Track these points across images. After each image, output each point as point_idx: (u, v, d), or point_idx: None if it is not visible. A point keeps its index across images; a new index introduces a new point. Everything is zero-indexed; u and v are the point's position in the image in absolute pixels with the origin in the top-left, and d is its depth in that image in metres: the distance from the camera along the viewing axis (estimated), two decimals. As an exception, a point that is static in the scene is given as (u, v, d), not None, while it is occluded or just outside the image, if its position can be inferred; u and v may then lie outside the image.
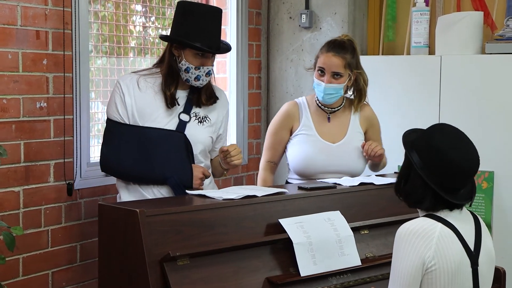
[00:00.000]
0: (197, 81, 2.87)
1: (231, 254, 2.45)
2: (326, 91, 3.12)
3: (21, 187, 3.00)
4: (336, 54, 3.12)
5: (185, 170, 2.85)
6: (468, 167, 2.13)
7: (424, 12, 3.92)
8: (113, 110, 2.87)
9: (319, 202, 2.77)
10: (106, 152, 2.87)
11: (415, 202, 2.18)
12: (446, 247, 2.09)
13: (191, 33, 2.81)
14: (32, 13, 2.99)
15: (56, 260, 3.16)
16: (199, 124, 2.93)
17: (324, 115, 3.23)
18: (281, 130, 3.24)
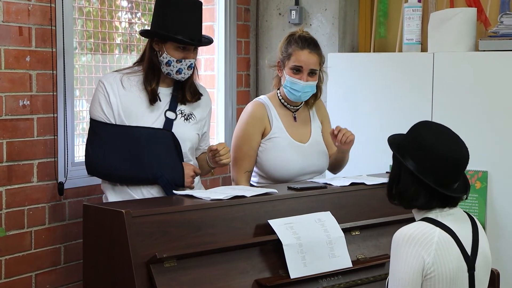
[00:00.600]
0: (178, 75, 2.87)
1: (219, 255, 2.45)
2: (305, 89, 3.09)
3: (3, 187, 2.99)
4: (312, 51, 3.10)
5: (175, 169, 2.85)
6: (458, 159, 2.15)
7: (416, 8, 3.93)
8: (97, 110, 2.85)
9: (310, 203, 2.78)
10: (92, 154, 2.85)
11: (409, 201, 2.19)
12: (445, 253, 2.10)
13: (172, 26, 2.82)
14: (15, 9, 2.98)
15: (39, 262, 3.15)
16: (186, 122, 2.93)
17: (289, 114, 3.21)
18: (254, 134, 3.12)
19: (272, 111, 3.16)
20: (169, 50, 2.84)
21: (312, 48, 3.11)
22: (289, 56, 3.10)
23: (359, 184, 3.00)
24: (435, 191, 2.14)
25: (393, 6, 4.22)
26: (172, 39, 2.82)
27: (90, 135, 2.89)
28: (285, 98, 3.18)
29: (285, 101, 3.20)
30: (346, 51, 4.22)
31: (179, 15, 2.83)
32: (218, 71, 4.22)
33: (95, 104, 2.86)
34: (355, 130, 3.28)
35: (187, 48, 2.86)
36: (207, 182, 4.05)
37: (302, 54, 3.08)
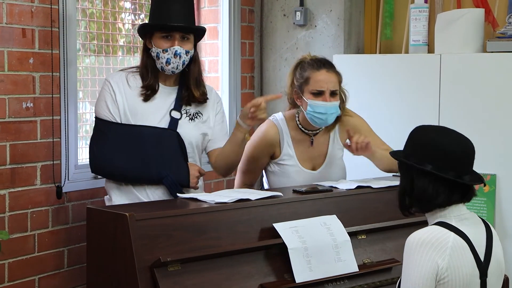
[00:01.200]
0: (168, 65, 2.86)
1: (223, 259, 2.45)
2: (330, 110, 2.99)
3: (6, 190, 3.00)
4: (330, 70, 3.03)
5: (181, 169, 2.86)
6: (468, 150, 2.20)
7: (423, 9, 3.93)
8: (103, 109, 2.87)
9: (315, 206, 2.78)
10: (97, 152, 2.86)
11: (429, 201, 2.18)
12: (459, 258, 2.10)
13: (157, 17, 2.86)
14: (18, 11, 2.99)
15: (43, 265, 3.16)
16: (191, 121, 2.94)
17: (306, 139, 3.14)
18: (261, 157, 3.13)
19: (286, 136, 3.11)
20: (156, 42, 2.86)
21: (328, 67, 3.03)
22: (307, 80, 3.00)
23: (366, 187, 3.00)
24: (454, 185, 2.15)
25: (399, 7, 4.22)
26: (154, 27, 2.85)
27: (95, 133, 2.90)
28: (303, 123, 3.10)
29: (303, 126, 3.12)
30: (351, 53, 4.22)
31: (162, 6, 2.86)
32: (222, 73, 4.23)
33: (101, 103, 2.88)
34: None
35: (172, 36, 2.85)
36: (211, 185, 4.06)
37: (320, 75, 2.99)
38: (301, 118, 3.11)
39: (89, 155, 2.91)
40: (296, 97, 3.07)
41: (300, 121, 3.12)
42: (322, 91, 2.99)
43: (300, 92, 3.04)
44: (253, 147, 3.14)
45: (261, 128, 3.16)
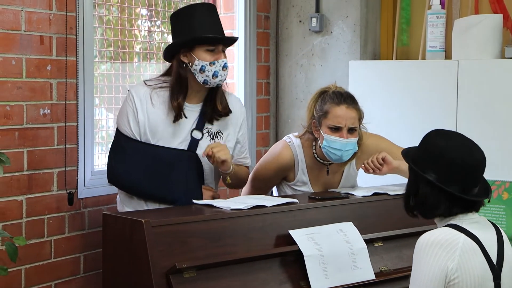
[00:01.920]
0: (215, 78, 2.84)
1: (239, 266, 2.46)
2: (346, 147, 2.95)
3: (24, 196, 3.03)
4: (350, 106, 2.97)
5: (194, 193, 2.87)
6: (476, 164, 2.17)
7: (440, 15, 3.93)
8: (124, 124, 2.89)
9: (331, 213, 2.78)
10: (115, 165, 2.89)
11: (430, 209, 2.20)
12: (469, 260, 2.10)
13: (195, 30, 2.83)
14: (36, 18, 3.03)
15: (59, 271, 3.18)
16: (211, 141, 2.93)
17: (321, 168, 3.12)
18: (273, 178, 3.16)
19: (301, 162, 3.09)
20: (199, 55, 2.83)
21: (349, 103, 2.97)
22: (326, 114, 2.97)
23: (382, 194, 3.00)
24: (456, 197, 2.15)
25: (416, 13, 4.22)
26: (200, 40, 2.81)
27: (115, 145, 2.92)
28: (320, 155, 3.07)
29: (319, 157, 3.08)
30: (367, 59, 4.23)
31: (198, 19, 2.85)
32: (238, 79, 4.24)
33: (123, 117, 2.89)
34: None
35: (217, 49, 2.85)
36: (226, 192, 4.07)
37: (339, 110, 2.94)
38: (317, 150, 3.07)
39: (107, 165, 2.94)
40: (314, 129, 3.04)
41: (316, 151, 3.09)
42: (339, 127, 2.95)
43: (318, 125, 3.00)
44: (265, 167, 3.15)
45: (276, 149, 3.15)
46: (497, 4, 3.91)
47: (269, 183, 3.20)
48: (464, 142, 2.21)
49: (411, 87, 3.83)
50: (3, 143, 2.92)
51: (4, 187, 2.94)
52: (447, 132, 2.27)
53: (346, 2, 4.20)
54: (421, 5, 4.17)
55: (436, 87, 3.74)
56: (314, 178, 3.13)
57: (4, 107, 2.93)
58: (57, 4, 3.10)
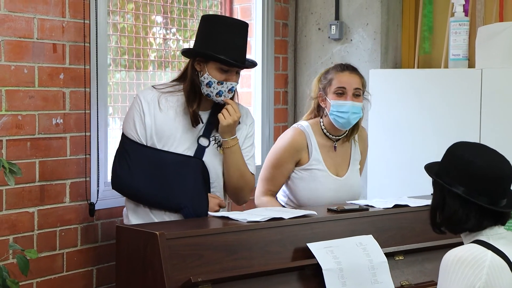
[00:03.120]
0: (218, 97, 2.88)
1: (256, 280, 2.46)
2: (352, 109, 3.10)
3: (36, 208, 3.04)
4: (353, 72, 3.17)
5: (201, 201, 2.87)
6: (505, 176, 2.16)
7: (463, 22, 3.91)
8: (130, 128, 2.90)
9: (350, 226, 2.77)
10: (119, 171, 2.90)
11: (458, 224, 2.18)
12: (497, 277, 2.07)
13: (216, 46, 2.84)
14: (49, 26, 3.04)
15: (71, 285, 3.18)
16: (218, 149, 2.94)
17: (329, 144, 3.23)
18: (287, 163, 3.18)
19: (313, 141, 3.19)
20: (211, 70, 2.85)
21: (351, 70, 3.17)
22: (330, 81, 3.15)
23: (403, 206, 2.98)
24: (486, 210, 2.13)
25: (438, 20, 4.20)
26: (215, 59, 2.83)
27: (120, 150, 2.93)
28: (328, 127, 3.20)
29: (327, 131, 3.21)
30: (388, 67, 4.22)
31: (224, 36, 2.85)
32: (255, 88, 4.25)
33: (129, 121, 2.90)
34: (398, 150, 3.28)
35: (230, 70, 2.87)
36: (243, 204, 4.06)
37: (343, 76, 3.14)
38: (325, 123, 3.21)
39: (111, 170, 2.95)
40: (320, 100, 3.20)
41: (324, 125, 3.22)
42: (344, 90, 3.12)
43: (324, 95, 3.17)
44: (279, 152, 3.20)
45: (287, 134, 3.23)
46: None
47: (284, 170, 3.19)
48: (490, 153, 2.19)
49: (433, 96, 3.81)
50: (14, 154, 2.94)
51: (15, 199, 2.95)
52: (472, 144, 2.26)
53: (366, 9, 4.20)
54: (443, 12, 4.16)
55: (459, 97, 3.73)
56: (325, 157, 3.20)
57: (15, 117, 2.95)
58: (71, 12, 3.12)
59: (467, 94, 3.70)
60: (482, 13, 4.04)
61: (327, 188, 3.16)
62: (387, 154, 3.91)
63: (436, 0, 4.21)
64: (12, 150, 2.93)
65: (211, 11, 4.11)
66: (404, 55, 4.33)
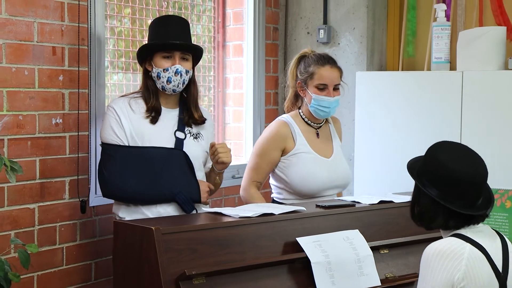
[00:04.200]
0: (169, 84, 2.90)
1: (247, 273, 2.45)
2: (333, 104, 3.17)
3: (36, 204, 3.03)
4: (333, 66, 3.19)
5: (191, 186, 2.89)
6: (477, 180, 2.15)
7: (445, 27, 3.93)
8: (110, 134, 2.89)
9: (338, 221, 2.78)
10: (108, 177, 2.88)
11: (428, 221, 2.21)
12: (475, 269, 2.09)
13: (153, 38, 2.92)
14: (49, 29, 3.03)
15: (70, 278, 3.18)
16: (195, 140, 2.98)
17: (312, 131, 3.26)
18: (272, 151, 3.18)
19: (296, 129, 3.21)
20: (156, 62, 2.90)
21: (332, 63, 3.20)
22: (312, 75, 3.17)
23: (388, 202, 2.99)
24: (455, 212, 2.14)
25: (421, 25, 4.21)
26: (155, 47, 2.89)
27: (104, 159, 2.92)
28: (308, 116, 3.25)
29: (308, 119, 3.25)
30: (374, 70, 4.23)
31: (163, 28, 2.92)
32: (247, 90, 4.24)
33: (107, 128, 2.91)
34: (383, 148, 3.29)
35: (172, 56, 2.90)
36: (235, 200, 4.07)
37: (325, 71, 3.16)
38: (305, 112, 3.26)
39: (99, 180, 2.93)
40: (300, 89, 3.23)
41: (304, 114, 3.25)
42: (326, 86, 3.14)
43: (304, 86, 3.19)
44: (265, 141, 3.21)
45: (271, 125, 3.26)
46: (501, 16, 3.90)
47: (269, 158, 3.19)
48: (467, 156, 2.19)
49: (416, 97, 3.82)
50: (15, 152, 2.93)
51: (16, 195, 2.94)
52: (451, 146, 2.24)
53: (353, 14, 4.20)
54: (426, 17, 4.17)
55: (441, 98, 3.74)
56: (310, 141, 3.22)
57: (16, 117, 2.94)
58: (69, 16, 3.11)
59: (449, 95, 3.71)
60: (463, 18, 4.05)
61: (317, 170, 3.15)
62: (373, 152, 3.92)
63: (420, 5, 4.22)
64: (13, 149, 2.92)
65: (205, 15, 4.11)
66: (389, 58, 4.33)
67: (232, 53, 4.25)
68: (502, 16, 3.90)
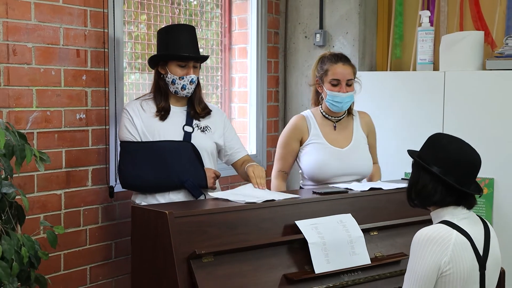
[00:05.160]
0: (183, 91, 2.93)
1: (251, 252, 2.46)
2: (345, 100, 3.12)
3: (62, 190, 3.04)
4: (345, 63, 3.14)
5: (198, 173, 2.89)
6: (476, 163, 2.18)
7: (429, 31, 3.91)
8: (124, 132, 2.93)
9: (332, 206, 2.77)
10: (125, 171, 2.91)
11: (427, 197, 2.17)
12: (460, 254, 2.09)
13: (170, 47, 2.91)
14: (73, 34, 3.03)
15: (93, 256, 3.19)
16: (202, 133, 2.97)
17: (330, 124, 3.22)
18: (292, 142, 3.19)
19: (312, 122, 3.20)
20: (171, 69, 2.91)
21: (344, 61, 3.15)
22: (326, 72, 3.14)
23: (377, 189, 2.99)
24: (451, 188, 2.13)
25: (408, 29, 4.20)
26: (172, 57, 2.90)
27: (121, 155, 2.96)
28: (326, 110, 3.21)
29: (326, 113, 3.22)
30: (365, 70, 4.21)
31: (174, 38, 2.91)
32: (251, 88, 4.24)
33: (122, 128, 2.95)
34: (374, 141, 3.29)
35: (187, 65, 2.91)
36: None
37: (337, 67, 3.12)
38: (324, 107, 3.23)
39: (119, 174, 2.96)
40: (318, 87, 3.21)
41: (323, 109, 3.23)
42: (338, 81, 3.11)
43: (321, 82, 3.17)
44: (284, 134, 3.24)
45: (291, 120, 3.28)
46: (479, 22, 3.89)
47: (290, 149, 3.20)
48: (465, 144, 2.20)
49: (403, 95, 3.82)
50: (44, 144, 2.93)
51: (45, 183, 2.95)
52: (449, 135, 2.26)
53: (346, 20, 4.19)
54: (412, 22, 4.16)
55: (425, 95, 3.73)
56: (325, 133, 3.20)
57: (45, 112, 2.94)
58: (92, 22, 3.11)
59: (432, 93, 3.71)
60: (445, 24, 4.04)
61: (328, 158, 3.12)
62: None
63: (406, 12, 4.21)
64: (42, 141, 2.93)
65: (213, 21, 4.10)
66: (379, 60, 4.32)
67: (238, 55, 4.24)
68: (480, 22, 3.89)
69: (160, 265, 2.39)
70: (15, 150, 2.19)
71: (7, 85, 2.80)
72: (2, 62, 2.77)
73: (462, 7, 3.96)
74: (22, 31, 2.83)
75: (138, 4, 3.56)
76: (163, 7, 3.70)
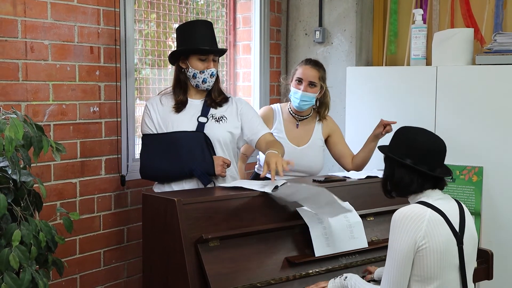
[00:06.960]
0: (204, 84, 2.89)
1: (255, 237, 2.45)
2: (302, 98, 3.17)
3: (77, 179, 3.03)
4: (313, 67, 3.20)
5: (207, 161, 2.85)
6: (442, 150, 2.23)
7: (422, 28, 3.88)
8: (143, 126, 2.93)
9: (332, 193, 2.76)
10: (143, 162, 2.90)
11: (405, 187, 2.22)
12: (435, 229, 2.11)
13: (191, 41, 2.87)
14: (87, 32, 3.01)
15: (106, 241, 3.19)
16: (217, 123, 2.92)
17: (294, 122, 3.28)
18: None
19: (278, 116, 3.26)
20: (192, 63, 2.87)
21: (312, 64, 3.21)
22: (295, 71, 3.24)
23: (374, 177, 2.98)
24: (426, 175, 2.18)
25: (402, 27, 4.17)
26: (193, 51, 2.85)
27: (142, 147, 2.95)
28: (292, 108, 3.27)
29: (292, 111, 3.28)
30: (362, 65, 4.19)
31: (194, 33, 2.88)
32: (254, 82, 4.22)
33: (143, 123, 2.95)
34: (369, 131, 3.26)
35: (208, 59, 2.88)
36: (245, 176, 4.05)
37: (304, 68, 3.19)
38: (291, 105, 3.29)
39: (139, 165, 2.94)
40: (291, 81, 3.28)
41: (290, 107, 3.30)
42: (301, 80, 3.18)
43: (291, 79, 3.26)
44: None
45: (260, 110, 3.36)
46: (469, 19, 3.87)
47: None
48: (428, 133, 2.26)
49: (398, 88, 3.79)
50: (60, 135, 2.92)
51: (61, 172, 2.94)
52: (414, 127, 2.30)
53: (344, 18, 4.16)
54: (406, 20, 4.13)
55: (418, 89, 3.71)
56: (287, 130, 3.25)
57: (60, 106, 2.92)
58: (104, 20, 3.09)
59: (425, 86, 3.68)
60: (437, 21, 4.01)
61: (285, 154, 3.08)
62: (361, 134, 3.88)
63: (400, 10, 4.18)
64: (58, 133, 2.92)
65: (219, 20, 4.07)
66: (375, 55, 4.30)
67: (242, 52, 4.22)
68: (470, 19, 3.87)
69: (169, 249, 2.39)
70: (33, 141, 2.18)
71: (25, 80, 2.78)
72: (20, 58, 2.76)
73: (453, 5, 3.94)
74: (39, 29, 2.81)
75: (148, 3, 3.53)
76: (171, 6, 3.68)
